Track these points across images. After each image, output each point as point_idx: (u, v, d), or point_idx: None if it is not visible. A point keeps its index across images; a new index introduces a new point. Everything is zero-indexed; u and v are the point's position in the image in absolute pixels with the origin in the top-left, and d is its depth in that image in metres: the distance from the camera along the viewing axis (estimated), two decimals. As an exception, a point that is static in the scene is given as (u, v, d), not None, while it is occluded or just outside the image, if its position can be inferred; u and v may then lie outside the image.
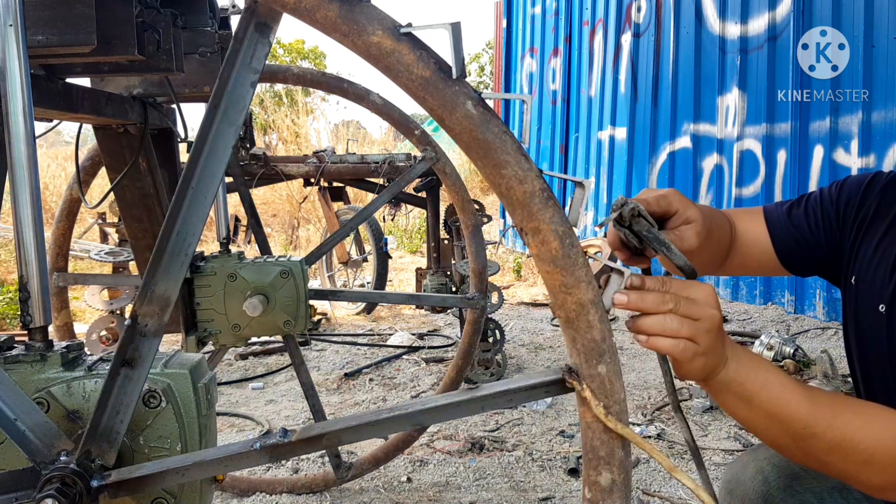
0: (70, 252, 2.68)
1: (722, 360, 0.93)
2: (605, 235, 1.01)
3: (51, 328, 1.14)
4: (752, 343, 3.96)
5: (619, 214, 0.95)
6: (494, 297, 3.68)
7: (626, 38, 6.55)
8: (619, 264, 0.90)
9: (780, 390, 0.94)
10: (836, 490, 1.17)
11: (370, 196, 4.79)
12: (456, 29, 0.75)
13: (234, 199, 5.57)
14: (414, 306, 5.35)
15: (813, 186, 4.81)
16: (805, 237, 1.24)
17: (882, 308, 1.10)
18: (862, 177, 1.22)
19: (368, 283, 5.77)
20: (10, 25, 0.95)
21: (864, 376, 1.18)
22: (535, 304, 5.69)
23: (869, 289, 1.13)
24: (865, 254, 1.16)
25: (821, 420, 0.94)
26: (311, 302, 2.09)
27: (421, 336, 4.68)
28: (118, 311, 3.44)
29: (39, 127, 1.48)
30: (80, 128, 1.99)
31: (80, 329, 4.07)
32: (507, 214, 4.04)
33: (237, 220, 7.01)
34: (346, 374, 3.86)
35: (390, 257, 5.42)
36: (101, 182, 2.73)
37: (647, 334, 0.89)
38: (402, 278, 6.81)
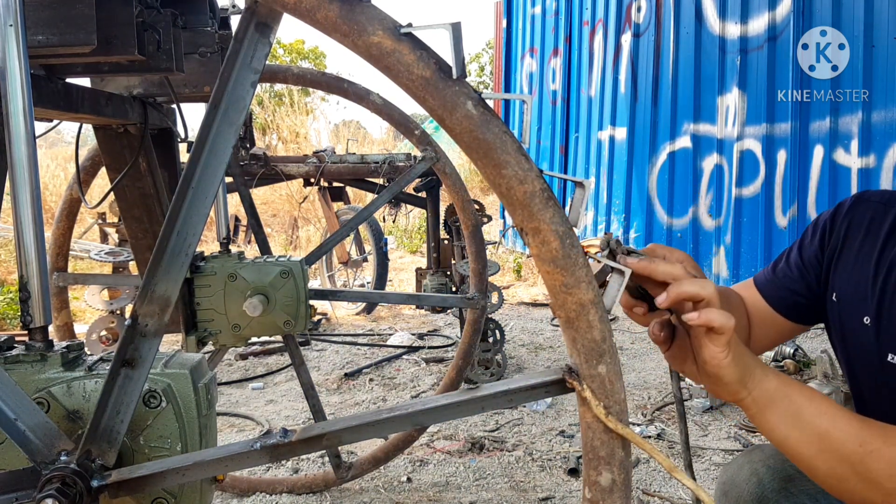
0: (70, 252, 2.68)
1: (749, 369, 0.90)
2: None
3: (51, 328, 1.14)
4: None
5: (608, 251, 0.93)
6: (494, 297, 3.68)
7: (626, 38, 6.55)
8: (618, 264, 0.89)
9: (828, 404, 0.89)
10: None
11: (370, 196, 4.79)
12: (456, 29, 0.75)
13: (234, 199, 5.57)
14: (414, 306, 5.35)
15: (813, 186, 4.82)
16: (795, 283, 1.24)
17: (867, 320, 1.10)
18: (829, 210, 1.24)
19: (368, 283, 5.77)
20: (10, 25, 0.95)
21: (855, 390, 1.18)
22: (535, 304, 5.69)
23: (851, 303, 1.13)
24: (844, 270, 1.17)
25: (876, 434, 0.87)
26: (311, 302, 2.09)
27: (421, 336, 4.68)
28: (118, 311, 3.44)
29: (39, 127, 1.48)
30: (80, 128, 1.99)
31: (80, 329, 4.07)
32: (507, 214, 4.04)
33: (237, 220, 7.02)
34: (346, 374, 3.86)
35: (388, 259, 5.42)
36: (101, 182, 2.73)
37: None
38: (402, 278, 6.81)
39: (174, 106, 1.93)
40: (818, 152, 4.78)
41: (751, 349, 1.26)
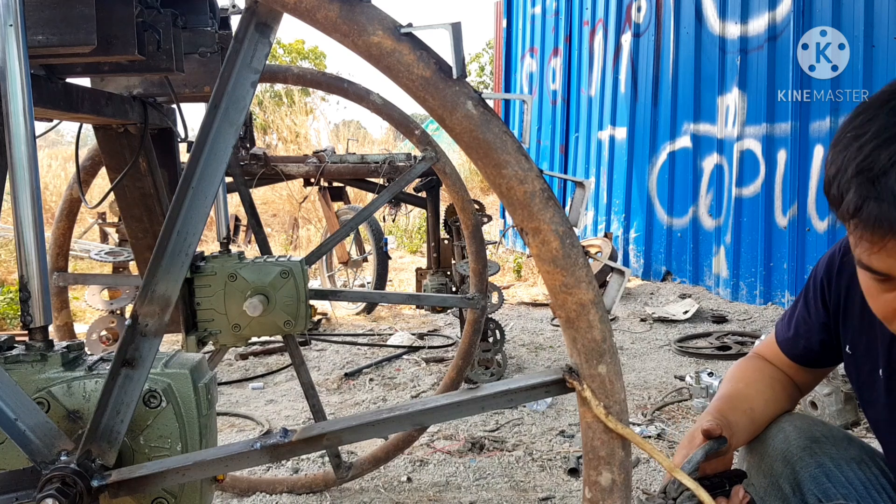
0: (70, 252, 2.68)
1: None
2: None
3: (51, 328, 1.14)
4: (753, 343, 3.96)
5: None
6: (494, 297, 3.68)
7: (626, 38, 6.55)
8: (619, 264, 0.89)
9: None
10: (854, 461, 1.20)
11: (370, 196, 4.79)
12: (456, 29, 0.75)
13: (234, 199, 5.57)
14: (414, 306, 5.35)
15: (813, 186, 4.82)
16: (811, 342, 1.31)
17: (879, 372, 1.16)
18: (823, 264, 1.29)
19: (368, 283, 5.77)
20: (10, 25, 0.95)
21: (878, 437, 1.23)
22: (535, 304, 5.69)
23: (864, 356, 1.20)
24: (852, 325, 1.22)
25: None
26: (312, 302, 2.09)
27: (421, 336, 4.68)
28: (118, 311, 3.44)
29: (39, 127, 1.48)
30: (80, 128, 1.99)
31: (81, 329, 4.07)
32: (507, 214, 4.04)
33: (237, 220, 7.02)
34: (346, 374, 3.86)
35: (390, 258, 5.42)
36: (101, 182, 2.73)
37: None
38: (402, 278, 6.81)
39: (174, 106, 1.93)
40: (818, 152, 4.79)
41: (804, 390, 1.39)
